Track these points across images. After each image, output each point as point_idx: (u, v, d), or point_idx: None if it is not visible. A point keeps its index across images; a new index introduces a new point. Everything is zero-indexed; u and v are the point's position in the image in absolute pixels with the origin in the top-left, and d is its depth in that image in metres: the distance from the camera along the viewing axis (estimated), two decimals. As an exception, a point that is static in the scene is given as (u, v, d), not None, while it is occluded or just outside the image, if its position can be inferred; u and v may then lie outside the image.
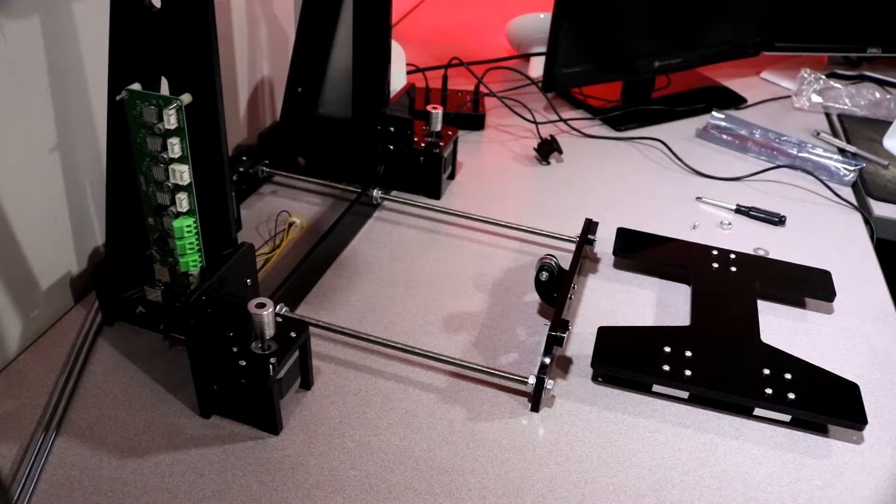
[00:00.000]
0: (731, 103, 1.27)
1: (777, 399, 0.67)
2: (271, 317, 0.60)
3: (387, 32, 0.87)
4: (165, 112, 0.57)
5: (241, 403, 0.63)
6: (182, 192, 0.61)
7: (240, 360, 0.60)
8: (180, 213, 0.62)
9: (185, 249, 0.62)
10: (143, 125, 0.59)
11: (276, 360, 0.59)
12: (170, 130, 0.58)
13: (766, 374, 0.69)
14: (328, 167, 0.98)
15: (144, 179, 0.62)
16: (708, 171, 1.07)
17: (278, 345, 0.61)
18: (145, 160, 0.61)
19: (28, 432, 0.62)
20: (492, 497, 0.59)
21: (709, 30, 1.21)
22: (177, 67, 0.60)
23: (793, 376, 0.69)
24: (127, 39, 0.60)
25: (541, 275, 0.76)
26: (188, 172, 0.60)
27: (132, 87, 0.58)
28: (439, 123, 0.95)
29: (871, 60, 1.41)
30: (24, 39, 0.63)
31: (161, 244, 0.66)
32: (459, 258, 0.87)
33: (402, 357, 0.72)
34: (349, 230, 0.89)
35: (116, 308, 0.73)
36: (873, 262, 0.91)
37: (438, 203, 0.96)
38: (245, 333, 0.61)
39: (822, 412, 0.66)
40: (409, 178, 0.97)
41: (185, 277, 0.65)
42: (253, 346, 0.61)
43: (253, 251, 0.68)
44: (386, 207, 0.96)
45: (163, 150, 0.59)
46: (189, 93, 0.58)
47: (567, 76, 1.12)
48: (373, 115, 0.93)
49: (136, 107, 0.59)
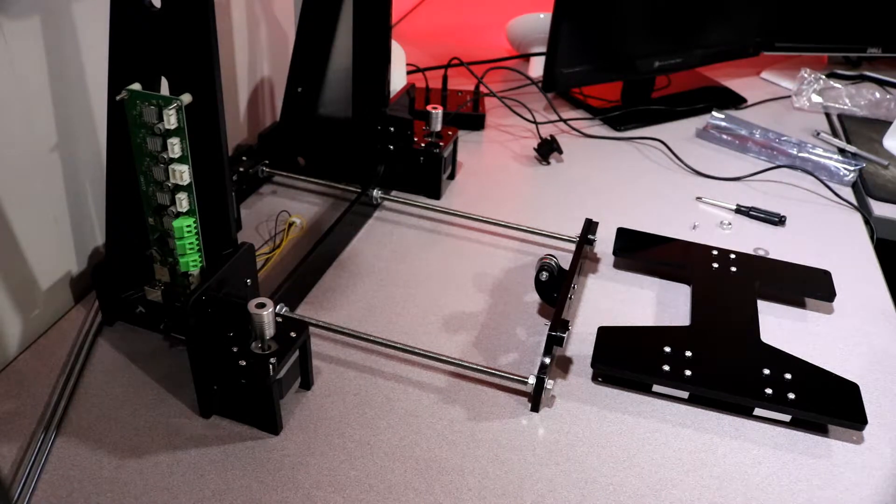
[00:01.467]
0: (731, 103, 1.27)
1: (777, 399, 0.67)
2: (271, 317, 0.60)
3: (387, 32, 0.87)
4: (165, 112, 0.57)
5: (242, 403, 0.63)
6: (182, 192, 0.61)
7: (240, 360, 0.60)
8: (180, 213, 0.62)
9: (185, 249, 0.62)
10: (143, 125, 0.59)
11: (276, 360, 0.59)
12: (170, 130, 0.58)
13: (766, 374, 0.69)
14: (328, 167, 0.98)
15: (144, 179, 0.62)
16: (708, 171, 1.07)
17: (278, 345, 0.61)
18: (145, 160, 0.61)
19: (28, 432, 0.62)
20: (492, 497, 0.59)
21: (709, 30, 1.21)
22: (177, 67, 0.59)
23: (793, 376, 0.69)
24: (127, 39, 0.60)
25: (541, 275, 0.76)
26: (188, 172, 0.60)
27: (132, 87, 0.58)
28: (439, 123, 0.95)
29: (871, 60, 1.41)
30: (24, 39, 0.63)
31: (161, 244, 0.66)
32: (459, 258, 0.87)
33: (402, 357, 0.72)
34: (349, 230, 0.89)
35: (116, 308, 0.73)
36: (873, 262, 0.91)
37: (438, 203, 0.96)
38: (245, 333, 0.61)
39: (822, 412, 0.66)
40: (409, 178, 0.97)
41: (185, 277, 0.65)
42: (253, 346, 0.61)
43: (253, 251, 0.68)
44: (386, 207, 0.96)
45: (163, 150, 0.59)
46: (189, 93, 0.58)
47: (567, 76, 1.12)
48: (373, 115, 0.93)
49: (136, 107, 0.59)
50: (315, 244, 0.81)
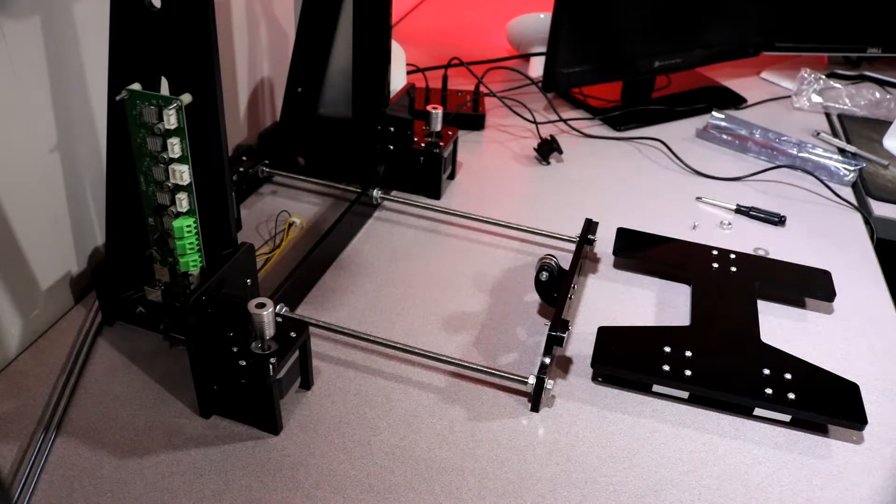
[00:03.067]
0: (731, 103, 1.27)
1: (777, 399, 0.67)
2: (271, 317, 0.60)
3: (387, 32, 0.87)
4: (165, 112, 0.57)
5: (241, 403, 0.63)
6: (182, 192, 0.61)
7: (240, 360, 0.60)
8: (180, 213, 0.62)
9: (185, 249, 0.62)
10: (143, 125, 0.59)
11: (276, 360, 0.59)
12: (170, 130, 0.58)
13: (766, 374, 0.69)
14: (328, 167, 0.98)
15: (144, 179, 0.62)
16: (708, 171, 1.07)
17: (278, 345, 0.61)
18: (145, 160, 0.61)
19: (28, 432, 0.62)
20: (492, 497, 0.59)
21: (709, 30, 1.21)
22: (177, 67, 0.60)
23: (793, 376, 0.69)
24: (127, 39, 0.60)
25: (541, 275, 0.76)
26: (188, 172, 0.60)
27: (132, 87, 0.58)
28: (439, 123, 0.95)
29: (871, 60, 1.41)
30: (24, 39, 0.63)
31: (161, 244, 0.66)
32: (459, 258, 0.87)
33: (402, 357, 0.72)
34: (349, 230, 0.89)
35: (117, 308, 0.73)
36: (873, 262, 0.91)
37: (438, 203, 0.96)
38: (245, 333, 0.61)
39: (822, 412, 0.66)
40: (409, 178, 0.97)
41: (185, 277, 0.65)
42: (253, 346, 0.60)
43: (253, 251, 0.68)
44: (386, 207, 0.96)
45: (163, 150, 0.59)
46: (189, 93, 0.58)
47: (567, 76, 1.12)
48: (373, 115, 0.93)
49: (136, 107, 0.59)
50: (315, 244, 0.81)
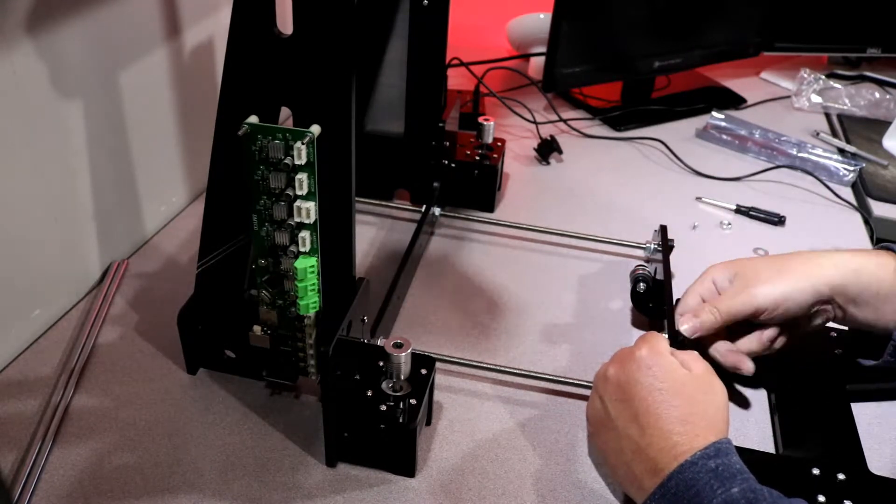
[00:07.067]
0: (730, 103, 1.27)
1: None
2: (409, 357, 0.58)
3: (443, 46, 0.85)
4: (296, 146, 0.52)
5: (375, 448, 0.60)
6: (305, 231, 0.55)
7: (380, 405, 0.58)
8: (301, 252, 0.56)
9: (307, 291, 0.56)
10: (263, 161, 0.53)
11: (416, 402, 0.58)
12: (299, 166, 0.53)
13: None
14: (379, 187, 0.94)
15: (258, 219, 0.56)
16: (708, 171, 1.07)
17: (410, 384, 0.59)
18: (262, 198, 0.55)
19: (28, 433, 0.62)
20: (492, 497, 0.59)
21: (709, 30, 1.21)
22: (304, 97, 0.55)
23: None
24: (247, 69, 0.57)
25: (638, 286, 0.75)
26: (314, 209, 0.54)
27: (250, 119, 0.53)
28: (491, 135, 0.92)
29: (871, 60, 1.41)
30: (25, 46, 0.63)
31: (273, 285, 0.59)
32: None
33: (518, 382, 0.70)
34: (419, 252, 0.85)
35: (202, 355, 0.69)
36: (873, 262, 0.91)
37: (494, 216, 0.94)
38: (372, 373, 0.59)
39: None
40: (460, 192, 0.94)
41: (297, 320, 0.60)
42: (384, 387, 0.59)
43: (369, 287, 0.64)
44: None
45: (287, 186, 0.54)
46: (317, 124, 0.53)
47: (567, 76, 1.12)
48: (428, 130, 0.88)
49: (257, 141, 0.53)
50: (398, 270, 0.77)
